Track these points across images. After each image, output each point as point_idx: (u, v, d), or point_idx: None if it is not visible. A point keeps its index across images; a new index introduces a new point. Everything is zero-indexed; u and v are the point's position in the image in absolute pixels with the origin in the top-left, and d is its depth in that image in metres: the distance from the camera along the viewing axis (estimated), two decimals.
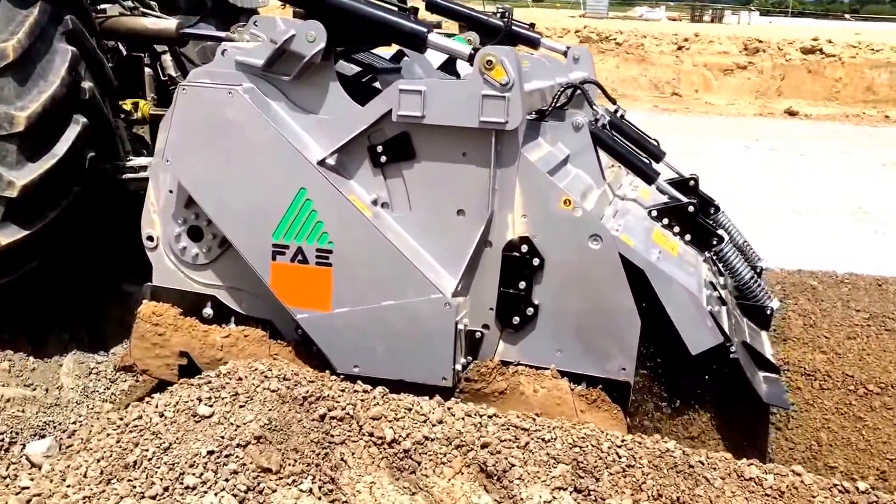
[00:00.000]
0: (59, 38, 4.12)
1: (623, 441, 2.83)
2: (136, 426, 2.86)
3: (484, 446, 2.83)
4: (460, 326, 3.36)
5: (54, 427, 3.97)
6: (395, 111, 3.27)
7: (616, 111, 4.74)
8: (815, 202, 10.09)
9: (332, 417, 2.93)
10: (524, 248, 3.34)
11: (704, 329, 3.34)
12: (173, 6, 5.56)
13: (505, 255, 3.38)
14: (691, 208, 3.82)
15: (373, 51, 4.46)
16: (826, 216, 9.48)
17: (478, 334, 3.48)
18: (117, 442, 2.77)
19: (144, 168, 4.70)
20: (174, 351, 3.67)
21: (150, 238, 3.72)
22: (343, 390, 3.11)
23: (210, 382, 3.08)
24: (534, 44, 5.38)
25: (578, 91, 4.18)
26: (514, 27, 5.37)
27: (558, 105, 4.04)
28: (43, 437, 3.79)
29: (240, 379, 3.09)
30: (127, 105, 5.07)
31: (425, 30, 3.28)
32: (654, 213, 3.84)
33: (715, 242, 3.86)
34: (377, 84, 4.34)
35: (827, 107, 20.82)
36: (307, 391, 3.03)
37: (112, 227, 4.55)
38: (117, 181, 4.69)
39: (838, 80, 22.31)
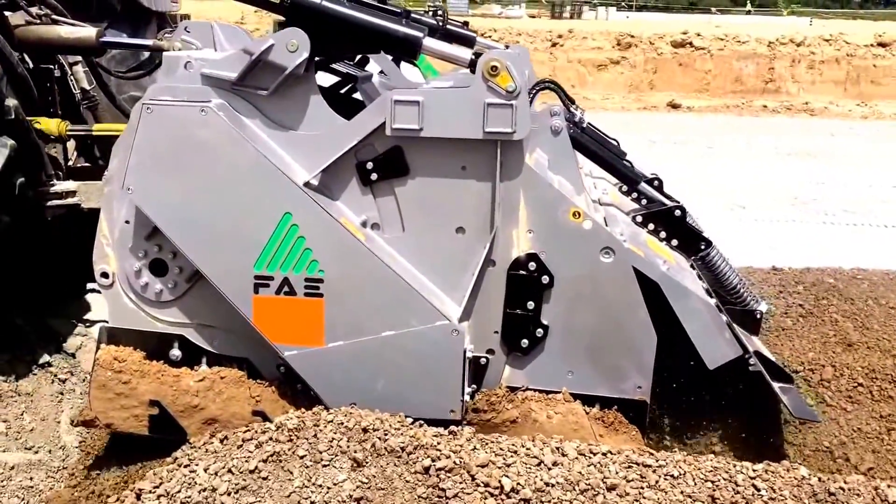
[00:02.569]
0: None
1: (756, 472, 2.61)
2: (189, 497, 2.47)
3: (611, 489, 2.56)
4: (467, 354, 3.12)
5: None
6: (388, 124, 2.99)
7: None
8: (751, 195, 10.01)
9: (440, 469, 2.58)
10: (532, 265, 3.14)
11: (722, 342, 3.21)
12: (81, 11, 5.05)
13: (511, 275, 3.16)
14: (678, 212, 3.69)
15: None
16: (770, 209, 9.44)
17: (482, 360, 3.25)
18: None
19: (72, 193, 4.26)
20: (143, 400, 3.27)
21: (105, 275, 3.31)
22: (437, 435, 2.77)
23: (274, 438, 2.70)
24: (469, 43, 5.16)
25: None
26: (448, 26, 5.18)
27: None
28: None
29: (314, 433, 2.73)
30: (42, 123, 4.54)
31: (420, 35, 3.00)
32: (639, 219, 3.68)
33: (703, 247, 3.74)
34: (357, 95, 4.03)
35: (699, 98, 21.49)
36: (402, 441, 2.68)
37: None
38: (40, 208, 4.22)
39: (708, 73, 23.10)
